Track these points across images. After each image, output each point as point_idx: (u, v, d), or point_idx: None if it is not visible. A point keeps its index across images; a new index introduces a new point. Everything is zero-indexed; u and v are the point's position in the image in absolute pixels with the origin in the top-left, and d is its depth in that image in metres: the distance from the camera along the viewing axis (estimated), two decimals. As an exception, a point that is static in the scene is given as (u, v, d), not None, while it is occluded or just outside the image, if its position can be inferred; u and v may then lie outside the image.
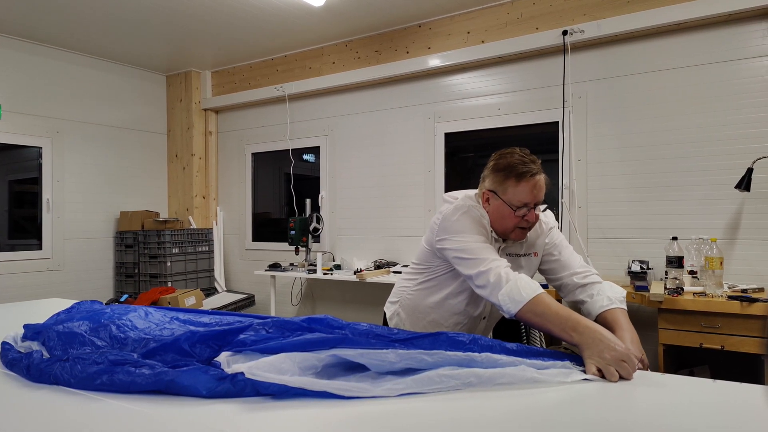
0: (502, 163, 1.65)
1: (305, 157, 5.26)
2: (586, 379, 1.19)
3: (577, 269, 1.71)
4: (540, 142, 4.04)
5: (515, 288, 1.44)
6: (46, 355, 1.32)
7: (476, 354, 1.20)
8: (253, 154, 5.54)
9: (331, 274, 4.30)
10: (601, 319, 1.53)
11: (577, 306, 1.69)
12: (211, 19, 4.30)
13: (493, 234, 1.69)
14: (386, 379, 1.13)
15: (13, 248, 4.75)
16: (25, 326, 1.51)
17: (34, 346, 1.41)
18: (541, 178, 1.62)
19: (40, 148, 4.80)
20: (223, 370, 1.11)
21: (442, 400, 1.07)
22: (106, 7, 4.06)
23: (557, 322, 1.36)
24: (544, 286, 1.64)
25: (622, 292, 1.60)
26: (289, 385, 1.06)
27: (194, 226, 5.54)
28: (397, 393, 1.08)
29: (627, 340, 1.39)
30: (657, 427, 0.95)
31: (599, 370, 1.21)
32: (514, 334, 3.22)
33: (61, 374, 1.16)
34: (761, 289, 2.87)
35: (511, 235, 1.67)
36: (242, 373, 1.08)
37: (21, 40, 4.64)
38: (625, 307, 1.56)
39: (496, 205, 1.65)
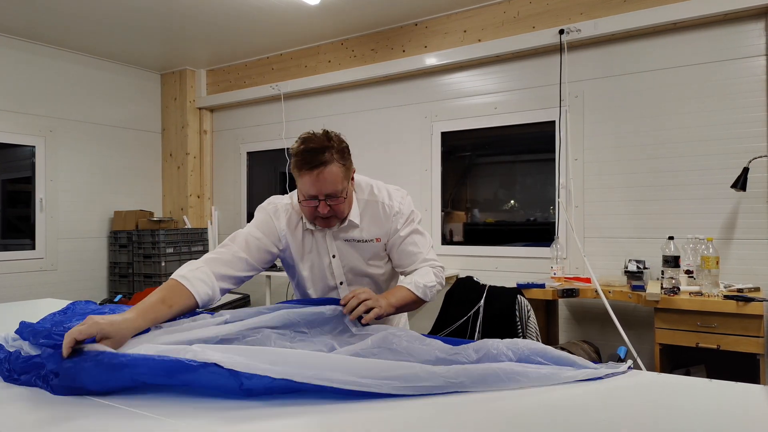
0: (292, 149, 1.56)
1: (301, 156, 5.23)
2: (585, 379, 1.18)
3: (427, 257, 1.72)
4: (536, 141, 4.04)
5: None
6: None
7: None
8: (248, 153, 5.51)
9: (327, 273, 4.28)
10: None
11: None
12: (206, 17, 4.27)
13: (308, 224, 1.67)
14: (371, 371, 1.11)
15: (6, 248, 4.71)
16: (21, 324, 1.49)
17: (25, 346, 1.39)
18: (325, 169, 1.51)
19: (34, 146, 4.75)
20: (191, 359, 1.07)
21: (437, 400, 1.06)
22: (100, 5, 4.02)
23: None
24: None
25: (428, 282, 1.65)
26: (273, 376, 1.03)
27: (189, 225, 5.51)
28: (386, 389, 1.05)
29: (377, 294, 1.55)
30: (652, 427, 0.94)
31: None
32: (510, 333, 3.21)
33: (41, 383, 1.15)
34: (757, 289, 2.87)
35: (316, 222, 1.63)
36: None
37: (14, 38, 4.59)
38: (415, 291, 1.61)
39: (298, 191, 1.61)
